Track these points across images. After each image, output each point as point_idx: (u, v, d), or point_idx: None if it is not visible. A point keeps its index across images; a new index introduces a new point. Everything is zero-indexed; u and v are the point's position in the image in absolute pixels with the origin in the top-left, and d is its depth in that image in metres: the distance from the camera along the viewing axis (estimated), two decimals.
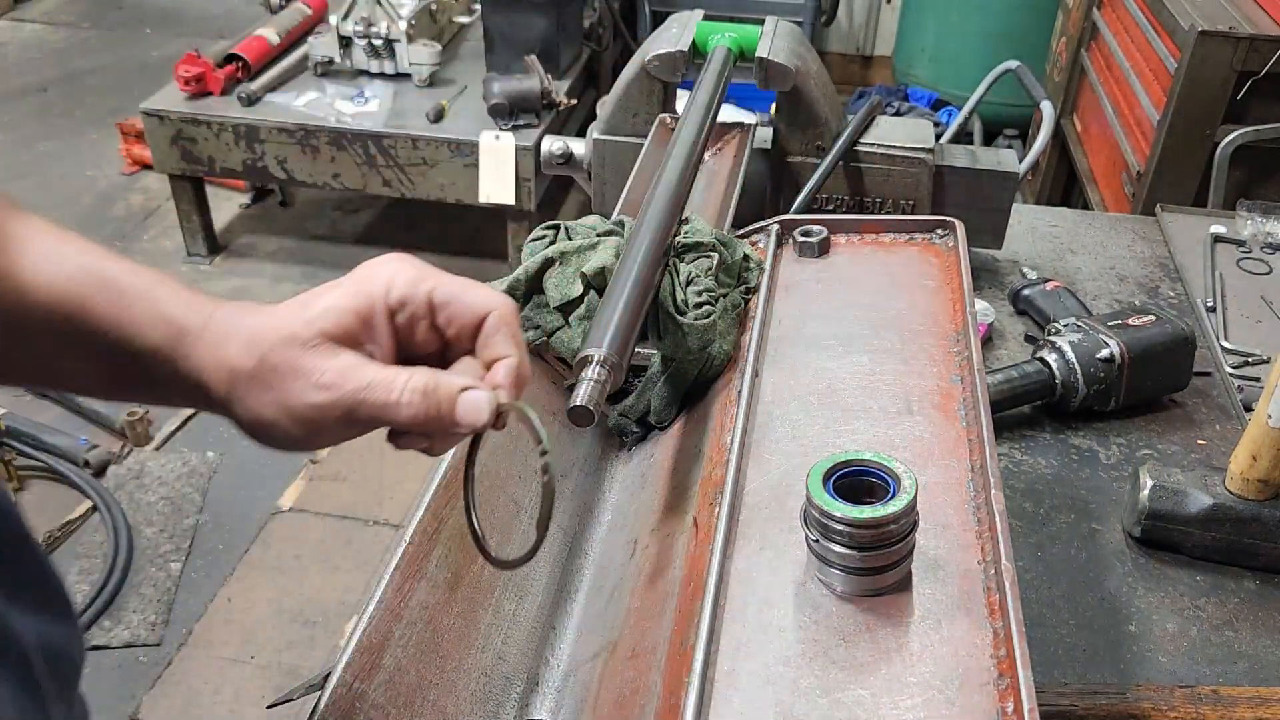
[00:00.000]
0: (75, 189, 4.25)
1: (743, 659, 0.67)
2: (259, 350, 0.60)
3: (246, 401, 0.60)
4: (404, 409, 0.60)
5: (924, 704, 0.62)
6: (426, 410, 0.61)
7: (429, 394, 0.61)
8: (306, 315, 0.61)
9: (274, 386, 0.60)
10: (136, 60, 5.32)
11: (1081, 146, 3.28)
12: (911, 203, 1.57)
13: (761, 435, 0.87)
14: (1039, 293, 1.62)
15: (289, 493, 2.83)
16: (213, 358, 0.60)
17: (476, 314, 0.64)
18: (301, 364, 0.59)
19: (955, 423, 0.85)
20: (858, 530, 0.66)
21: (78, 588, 2.50)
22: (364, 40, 3.62)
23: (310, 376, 0.59)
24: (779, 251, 1.14)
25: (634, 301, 0.88)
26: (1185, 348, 1.40)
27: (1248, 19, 2.40)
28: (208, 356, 0.61)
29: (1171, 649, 1.10)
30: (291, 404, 0.60)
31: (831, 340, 0.97)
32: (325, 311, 0.61)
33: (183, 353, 0.61)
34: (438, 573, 0.80)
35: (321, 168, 3.52)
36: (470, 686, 0.77)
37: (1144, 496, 1.20)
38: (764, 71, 1.50)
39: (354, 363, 0.60)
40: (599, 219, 1.10)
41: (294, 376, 0.59)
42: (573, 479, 1.00)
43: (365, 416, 0.61)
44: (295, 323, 0.60)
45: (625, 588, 0.86)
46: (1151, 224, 1.93)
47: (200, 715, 2.26)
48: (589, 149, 1.63)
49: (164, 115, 3.50)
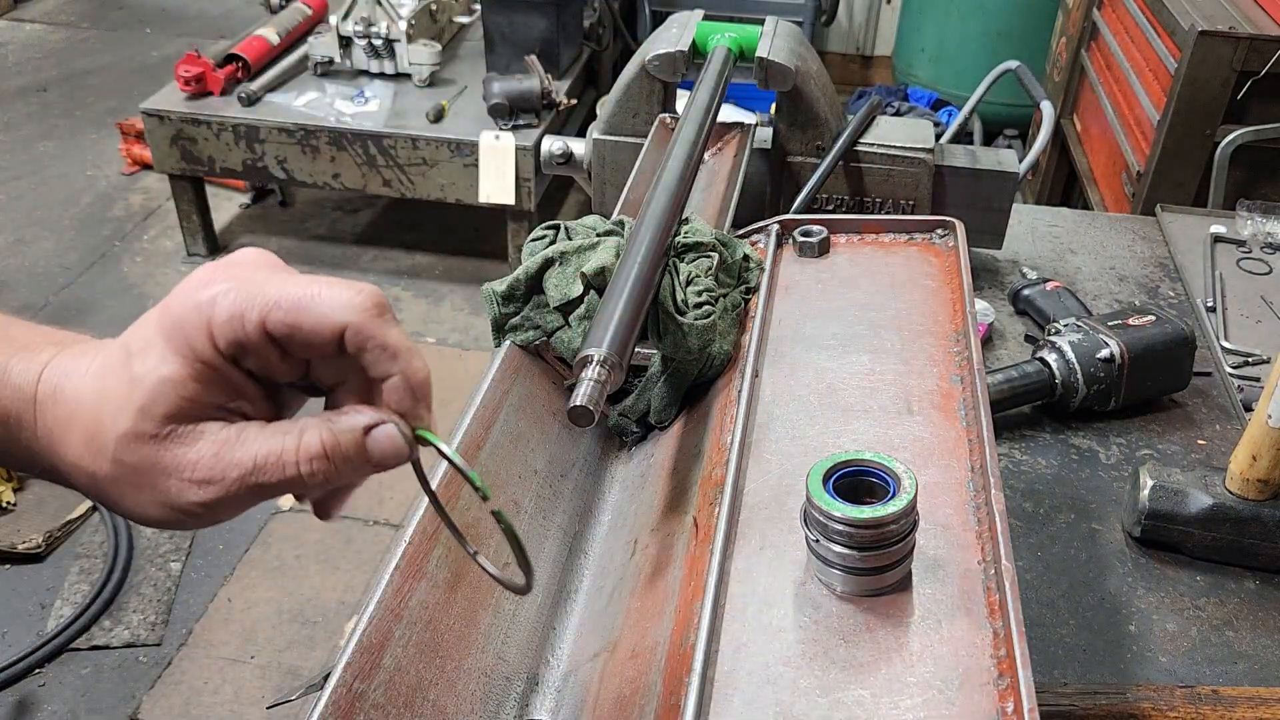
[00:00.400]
0: (75, 189, 4.25)
1: (743, 659, 0.67)
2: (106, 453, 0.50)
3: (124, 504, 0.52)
4: (308, 479, 0.51)
5: (924, 704, 0.62)
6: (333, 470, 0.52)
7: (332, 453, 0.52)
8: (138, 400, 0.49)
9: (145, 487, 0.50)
10: (136, 60, 5.32)
11: (1081, 146, 3.28)
12: (911, 203, 1.57)
13: (761, 435, 0.87)
14: (1039, 293, 1.62)
15: None
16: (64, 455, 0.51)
17: (327, 336, 0.51)
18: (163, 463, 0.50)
19: (955, 423, 0.85)
20: (858, 530, 0.66)
21: (78, 588, 2.50)
22: (364, 40, 3.62)
23: (181, 474, 0.50)
24: (779, 251, 1.14)
25: (634, 301, 0.88)
26: (1185, 348, 1.40)
27: (1248, 19, 2.40)
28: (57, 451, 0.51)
29: (1171, 649, 1.10)
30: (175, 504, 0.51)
31: (831, 340, 0.97)
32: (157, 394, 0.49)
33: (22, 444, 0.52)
34: (438, 573, 0.80)
35: (321, 168, 3.52)
36: (470, 686, 0.77)
37: (1144, 496, 1.20)
38: (764, 71, 1.50)
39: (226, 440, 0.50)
40: (599, 219, 1.10)
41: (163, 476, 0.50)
42: (572, 479, 1.00)
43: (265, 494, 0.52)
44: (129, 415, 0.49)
45: (625, 588, 0.86)
46: (1151, 224, 1.93)
47: (200, 715, 2.26)
48: (589, 149, 1.63)
49: (164, 115, 3.50)
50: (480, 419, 0.92)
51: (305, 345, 0.52)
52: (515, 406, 0.97)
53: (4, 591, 2.52)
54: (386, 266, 3.84)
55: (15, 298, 3.59)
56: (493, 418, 0.94)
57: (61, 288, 3.67)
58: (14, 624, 2.44)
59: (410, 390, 0.54)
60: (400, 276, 3.79)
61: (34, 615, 2.45)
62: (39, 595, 2.51)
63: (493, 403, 0.95)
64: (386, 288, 3.63)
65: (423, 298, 3.69)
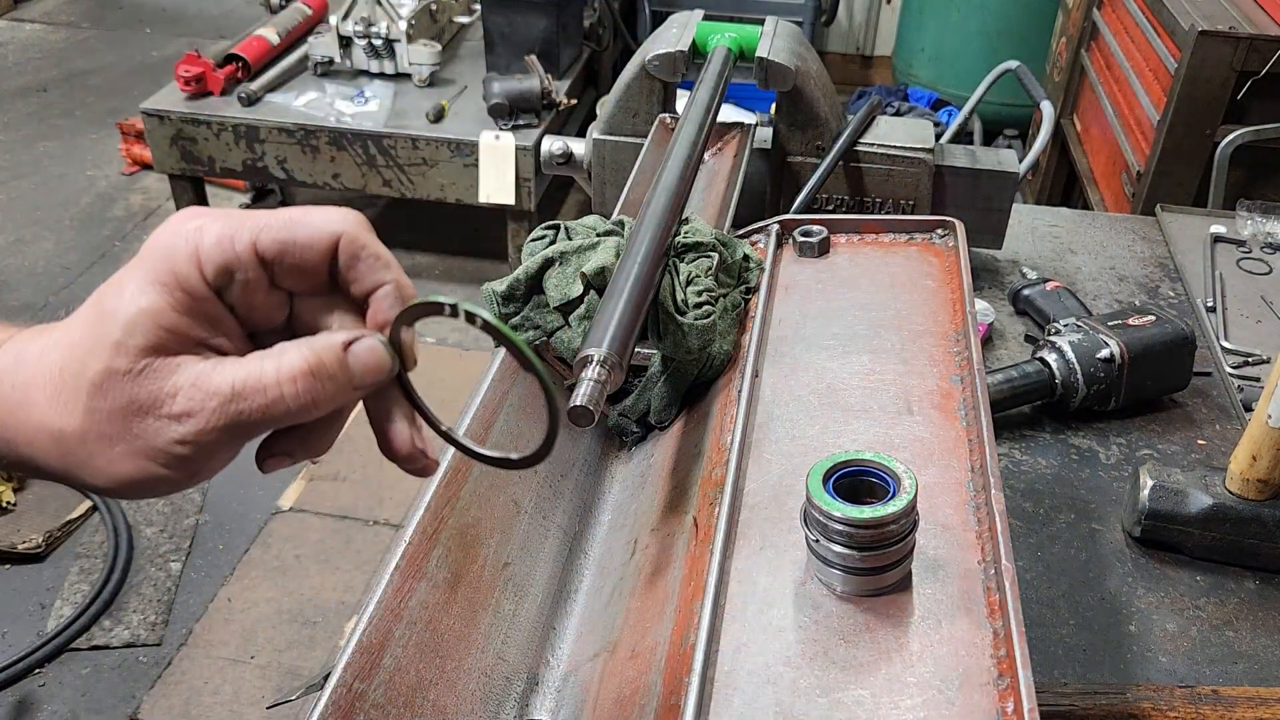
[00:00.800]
0: (75, 189, 4.25)
1: (743, 659, 0.67)
2: (78, 403, 0.46)
3: (94, 464, 0.47)
4: (290, 401, 0.48)
5: (924, 704, 0.62)
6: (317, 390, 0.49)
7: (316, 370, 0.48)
8: (114, 335, 0.46)
9: (118, 437, 0.47)
10: (136, 60, 5.33)
11: (1081, 146, 3.28)
12: (911, 203, 1.57)
13: (761, 435, 0.87)
14: (1039, 293, 1.62)
15: (289, 493, 2.83)
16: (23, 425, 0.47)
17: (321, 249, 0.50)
18: (140, 399, 0.46)
19: (955, 423, 0.85)
20: (858, 530, 0.66)
21: (78, 588, 2.50)
22: (364, 40, 3.62)
23: (160, 408, 0.46)
24: (779, 251, 1.14)
25: (634, 301, 0.88)
26: (1185, 348, 1.40)
27: (1248, 19, 2.40)
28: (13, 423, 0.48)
29: (1171, 649, 1.10)
30: (152, 448, 0.47)
31: (831, 340, 0.97)
32: (133, 324, 0.46)
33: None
34: (438, 573, 0.80)
35: (321, 168, 3.52)
36: (470, 686, 0.77)
37: (1144, 496, 1.20)
38: (764, 71, 1.50)
39: (203, 370, 0.47)
40: (599, 219, 1.10)
41: (138, 416, 0.46)
42: (572, 479, 1.00)
43: (247, 428, 0.48)
44: (103, 353, 0.46)
45: (625, 588, 0.86)
46: (1151, 224, 1.93)
47: (200, 715, 2.27)
48: (589, 149, 1.63)
49: (164, 115, 3.50)
50: (480, 419, 0.93)
51: (297, 265, 0.50)
52: (515, 406, 0.97)
53: (4, 591, 2.52)
54: None
55: (15, 298, 3.59)
56: (493, 418, 0.94)
57: (61, 288, 3.67)
58: (14, 624, 2.44)
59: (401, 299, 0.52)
60: None
61: (34, 615, 2.45)
62: (39, 595, 2.51)
63: (493, 403, 0.95)
64: None
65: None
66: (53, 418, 0.47)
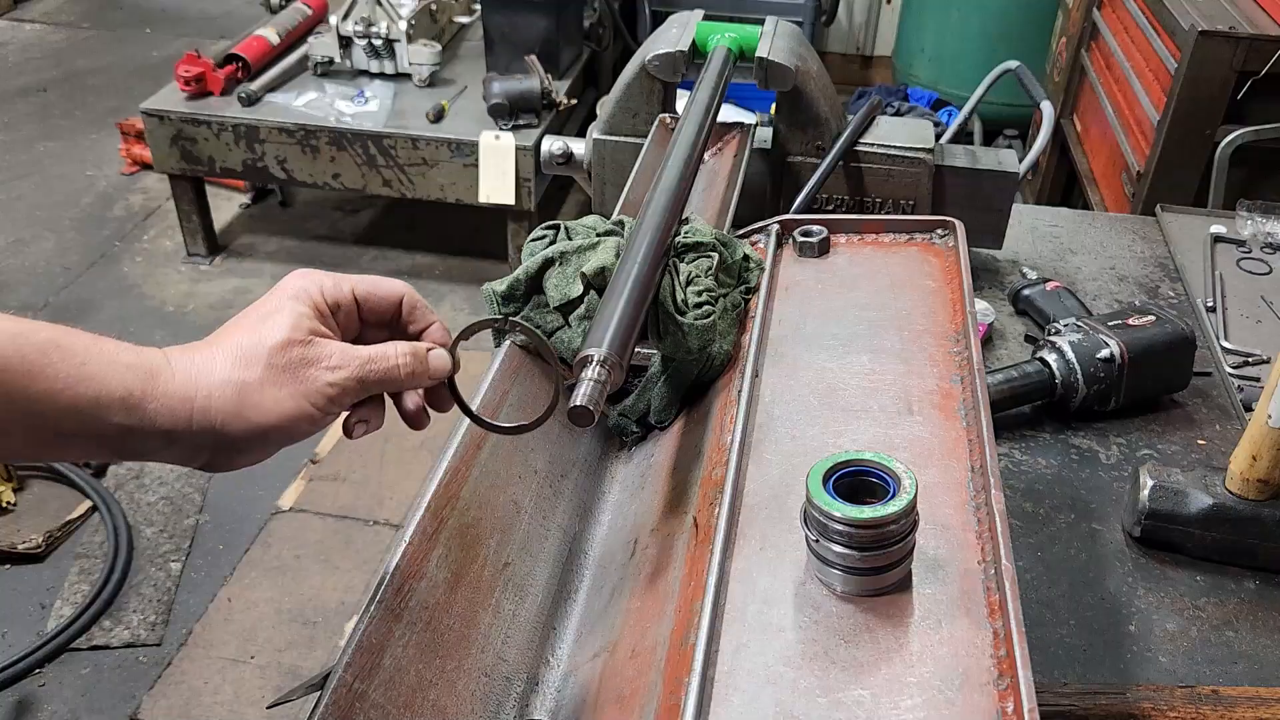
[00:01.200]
0: (75, 189, 4.25)
1: (743, 659, 0.67)
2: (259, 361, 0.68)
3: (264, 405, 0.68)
4: (402, 369, 0.74)
5: (924, 704, 0.62)
6: (415, 367, 0.74)
7: (415, 354, 0.75)
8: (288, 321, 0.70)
9: (287, 382, 0.68)
10: (136, 60, 5.33)
11: (1081, 146, 3.28)
12: (911, 203, 1.57)
13: (761, 435, 0.87)
14: (1039, 293, 1.62)
15: (289, 493, 2.83)
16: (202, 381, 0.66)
17: (394, 300, 0.78)
18: (310, 355, 0.70)
19: (955, 423, 0.85)
20: (858, 530, 0.66)
21: (78, 588, 2.50)
22: (364, 40, 3.62)
23: (322, 362, 0.70)
24: (779, 251, 1.14)
25: (634, 301, 0.88)
26: (1185, 348, 1.40)
27: (1248, 19, 2.40)
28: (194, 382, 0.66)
29: (1171, 649, 1.10)
30: (311, 389, 0.69)
31: (831, 340, 0.97)
32: (299, 318, 0.71)
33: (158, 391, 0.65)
34: (438, 573, 0.80)
35: (321, 168, 3.52)
36: (470, 686, 0.77)
37: (1144, 496, 1.20)
38: (764, 71, 1.50)
39: (345, 346, 0.72)
40: (599, 219, 1.10)
41: (306, 366, 0.69)
42: (572, 479, 1.00)
43: (373, 382, 0.72)
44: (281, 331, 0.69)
45: (625, 588, 0.86)
46: (1151, 224, 1.93)
47: (200, 715, 2.26)
48: (589, 149, 1.63)
49: (164, 115, 3.50)
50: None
51: (374, 309, 0.77)
52: (515, 406, 0.98)
53: (4, 591, 2.52)
54: (386, 266, 3.84)
55: (15, 298, 3.59)
56: (493, 418, 0.94)
57: (61, 288, 3.67)
58: (14, 624, 2.44)
59: (445, 332, 0.80)
60: (400, 276, 3.73)
61: (34, 615, 2.45)
62: (39, 595, 2.51)
63: (493, 403, 0.95)
64: None
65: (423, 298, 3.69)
66: (236, 374, 0.67)
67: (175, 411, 0.65)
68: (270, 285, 0.74)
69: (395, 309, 0.79)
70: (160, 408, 0.65)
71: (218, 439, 0.67)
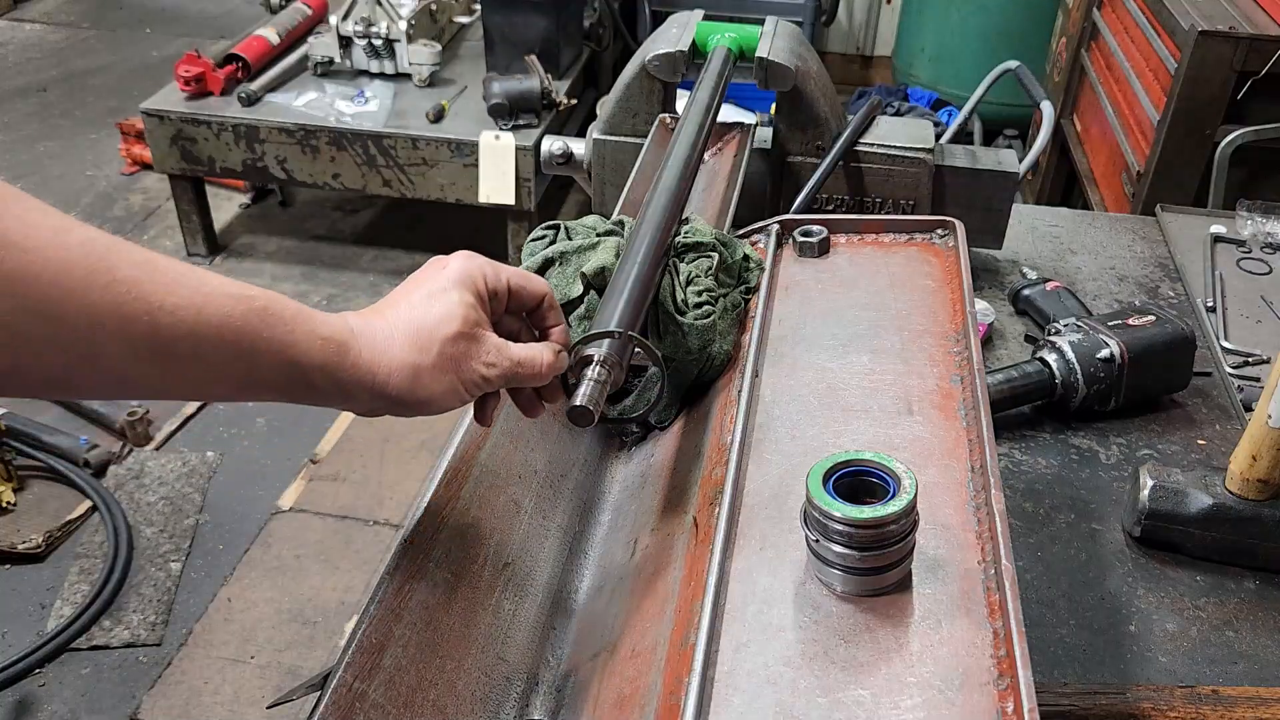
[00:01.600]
0: (75, 189, 4.25)
1: (743, 659, 0.67)
2: (432, 347, 0.76)
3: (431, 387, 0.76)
4: (544, 374, 0.82)
5: (924, 704, 0.62)
6: (553, 368, 0.82)
7: (557, 360, 0.83)
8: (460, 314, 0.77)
9: (451, 369, 0.77)
10: (136, 60, 5.33)
11: (1081, 146, 3.28)
12: (911, 203, 1.57)
13: (761, 435, 0.87)
14: (1039, 293, 1.62)
15: (289, 493, 2.83)
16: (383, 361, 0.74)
17: (538, 297, 0.85)
18: (471, 350, 0.78)
19: (955, 423, 0.85)
20: (858, 530, 0.66)
21: (78, 588, 2.50)
22: (364, 40, 3.62)
23: (480, 358, 0.78)
24: (779, 251, 1.14)
25: (634, 301, 0.88)
26: (1185, 348, 1.40)
27: (1248, 19, 2.40)
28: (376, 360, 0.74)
29: (1171, 649, 1.10)
30: (468, 379, 0.77)
31: (831, 340, 0.97)
32: (467, 309, 0.78)
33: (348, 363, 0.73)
34: (438, 573, 0.80)
35: (321, 168, 3.52)
36: (470, 686, 0.77)
37: (1144, 496, 1.20)
38: (764, 71, 1.50)
39: (501, 343, 0.80)
40: (599, 219, 1.10)
41: (467, 359, 0.77)
42: (572, 479, 1.00)
43: (517, 380, 0.81)
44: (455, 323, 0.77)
45: (625, 588, 0.86)
46: (1151, 224, 1.93)
47: (200, 715, 2.26)
48: (589, 149, 1.63)
49: (164, 115, 3.50)
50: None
51: (521, 301, 0.84)
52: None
53: (4, 591, 2.52)
54: (386, 266, 3.84)
55: None
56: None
57: None
58: (14, 624, 2.44)
59: (567, 334, 0.87)
60: (400, 276, 3.75)
61: (34, 615, 2.45)
62: (39, 595, 2.51)
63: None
64: (386, 287, 3.62)
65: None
66: (413, 356, 0.75)
67: (360, 382, 0.73)
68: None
69: (536, 305, 0.85)
70: (348, 378, 0.73)
71: (390, 406, 0.76)
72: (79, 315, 0.60)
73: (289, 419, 3.05)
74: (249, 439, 3.00)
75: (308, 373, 0.71)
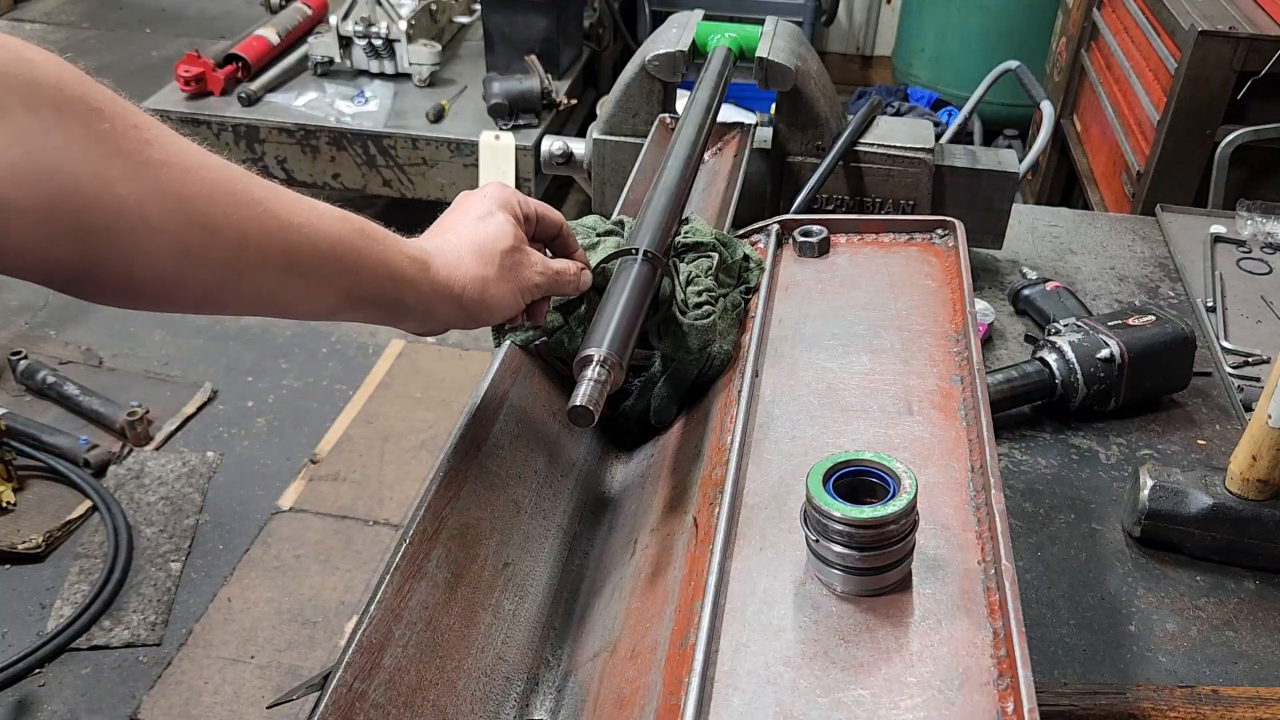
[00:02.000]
0: None
1: (743, 659, 0.67)
2: (495, 260, 0.86)
3: (496, 296, 0.86)
4: (570, 281, 0.94)
5: (924, 704, 0.62)
6: (581, 280, 0.96)
7: (582, 272, 0.96)
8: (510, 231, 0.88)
9: (510, 279, 0.87)
10: (136, 60, 5.32)
11: (1081, 146, 3.28)
12: (911, 203, 1.57)
13: (761, 435, 0.87)
14: (1039, 293, 1.62)
15: (289, 493, 2.83)
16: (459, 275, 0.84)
17: (558, 225, 0.96)
18: (524, 260, 0.89)
19: (955, 423, 0.85)
20: (857, 530, 0.66)
21: (78, 588, 2.50)
22: (364, 40, 3.62)
23: (532, 268, 0.89)
24: (779, 251, 1.14)
25: (634, 301, 0.88)
26: (1185, 348, 1.40)
27: (1248, 19, 2.40)
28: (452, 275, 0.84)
29: (1171, 649, 1.10)
30: (523, 286, 0.88)
31: (831, 340, 0.97)
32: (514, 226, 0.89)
33: (428, 278, 0.82)
34: (438, 573, 0.80)
35: (321, 168, 3.52)
36: (470, 686, 0.77)
37: (1144, 496, 1.20)
38: (764, 71, 1.50)
39: (540, 256, 0.92)
40: (599, 219, 1.11)
41: (521, 269, 0.88)
42: (572, 479, 1.00)
43: (557, 287, 0.93)
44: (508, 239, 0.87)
45: (625, 588, 0.86)
46: (1151, 224, 1.93)
47: (200, 715, 2.26)
48: (589, 149, 1.63)
49: (164, 115, 3.49)
50: (480, 419, 0.93)
51: (544, 228, 0.95)
52: (515, 406, 0.98)
53: (4, 591, 2.52)
54: None
55: (15, 297, 3.58)
56: (493, 418, 0.94)
57: None
58: (14, 624, 2.44)
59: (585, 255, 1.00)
60: None
61: (34, 615, 2.45)
62: (39, 595, 2.51)
63: (493, 403, 0.95)
64: None
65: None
66: (481, 270, 0.85)
67: (440, 294, 0.83)
68: None
69: (555, 232, 0.96)
70: (431, 291, 0.82)
71: (464, 318, 0.86)
72: (231, 230, 0.66)
73: (289, 419, 3.05)
74: (249, 439, 3.00)
75: (397, 286, 0.79)
